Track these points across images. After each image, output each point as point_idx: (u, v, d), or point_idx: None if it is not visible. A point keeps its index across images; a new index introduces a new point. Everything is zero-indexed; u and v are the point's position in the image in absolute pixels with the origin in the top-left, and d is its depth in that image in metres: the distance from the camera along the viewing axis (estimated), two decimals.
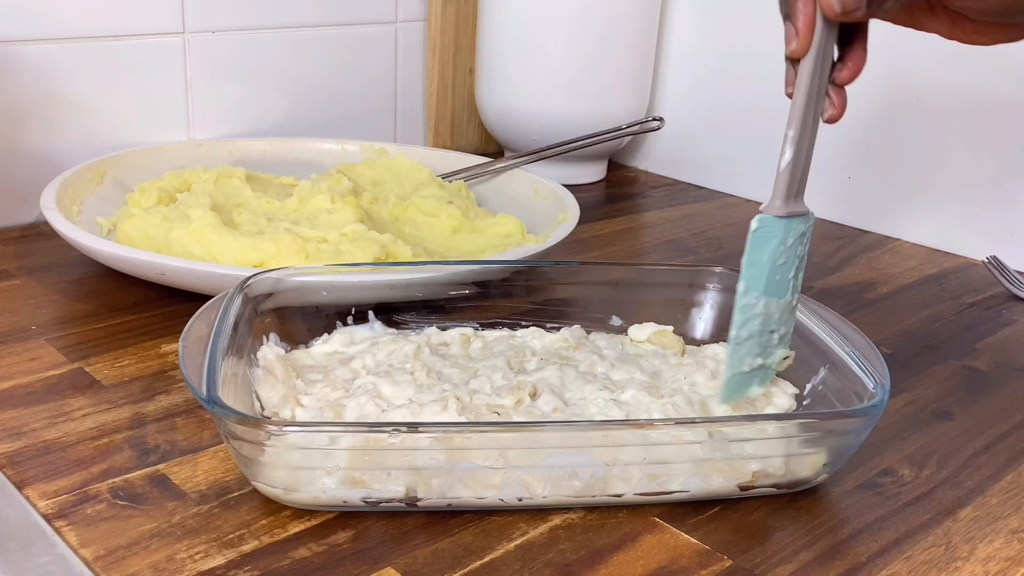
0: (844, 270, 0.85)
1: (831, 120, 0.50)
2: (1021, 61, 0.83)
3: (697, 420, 0.51)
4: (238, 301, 0.55)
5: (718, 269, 0.64)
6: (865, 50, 0.50)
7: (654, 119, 0.94)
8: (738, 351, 0.52)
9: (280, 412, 0.52)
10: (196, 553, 0.44)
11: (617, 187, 1.09)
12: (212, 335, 0.51)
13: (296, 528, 0.46)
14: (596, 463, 0.47)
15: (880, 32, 0.52)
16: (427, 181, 0.87)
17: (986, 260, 0.83)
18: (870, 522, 0.49)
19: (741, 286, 0.51)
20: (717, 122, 1.07)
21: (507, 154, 1.06)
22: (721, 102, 1.06)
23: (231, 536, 0.45)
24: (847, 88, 0.50)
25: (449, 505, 0.47)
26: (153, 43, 0.89)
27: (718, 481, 0.49)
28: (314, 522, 0.47)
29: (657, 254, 0.89)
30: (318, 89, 1.01)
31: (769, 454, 0.49)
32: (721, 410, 0.53)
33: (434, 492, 0.47)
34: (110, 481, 0.49)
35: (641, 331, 0.63)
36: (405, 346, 0.58)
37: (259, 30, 0.95)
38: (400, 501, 0.47)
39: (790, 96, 0.49)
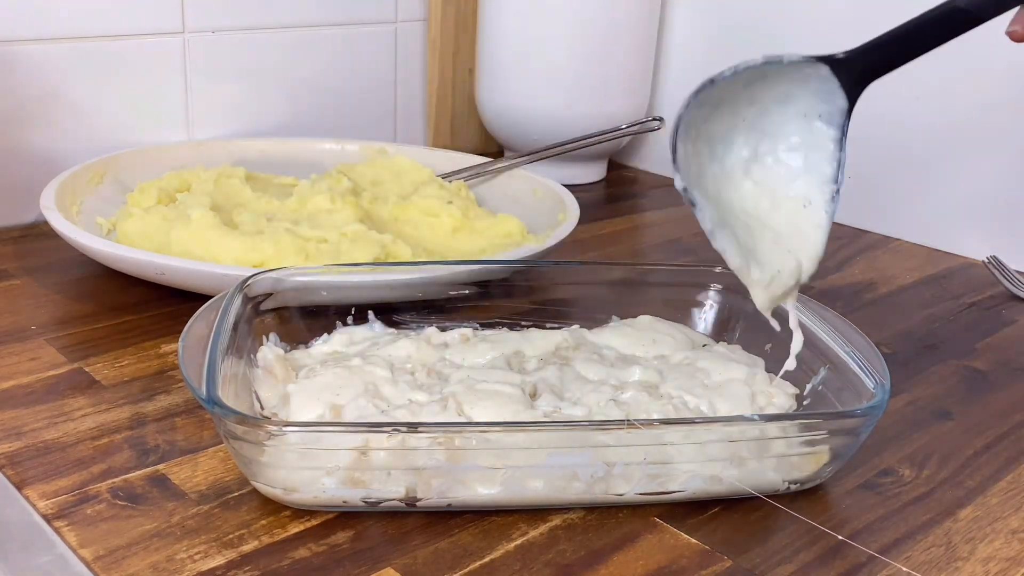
0: (844, 270, 0.85)
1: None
2: (1021, 61, 0.83)
3: (697, 420, 0.51)
4: (238, 301, 0.55)
5: (718, 269, 0.64)
6: None
7: (654, 119, 0.94)
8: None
9: (280, 412, 0.52)
10: (196, 553, 0.44)
11: (617, 187, 1.09)
12: (212, 335, 0.51)
13: (296, 528, 0.46)
14: (596, 463, 0.47)
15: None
16: (427, 181, 0.87)
17: (986, 260, 0.83)
18: (870, 522, 0.49)
19: None
20: None
21: (507, 154, 1.06)
22: None
23: (231, 536, 0.45)
24: None
25: (449, 505, 0.47)
26: (153, 43, 0.89)
27: (718, 481, 0.49)
28: (314, 522, 0.47)
29: (657, 254, 0.89)
30: (318, 89, 1.01)
31: (769, 454, 0.49)
32: (721, 410, 0.53)
33: (434, 492, 0.47)
34: (110, 481, 0.49)
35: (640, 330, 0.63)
36: (405, 346, 0.58)
37: (259, 30, 0.95)
38: (400, 501, 0.47)
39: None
